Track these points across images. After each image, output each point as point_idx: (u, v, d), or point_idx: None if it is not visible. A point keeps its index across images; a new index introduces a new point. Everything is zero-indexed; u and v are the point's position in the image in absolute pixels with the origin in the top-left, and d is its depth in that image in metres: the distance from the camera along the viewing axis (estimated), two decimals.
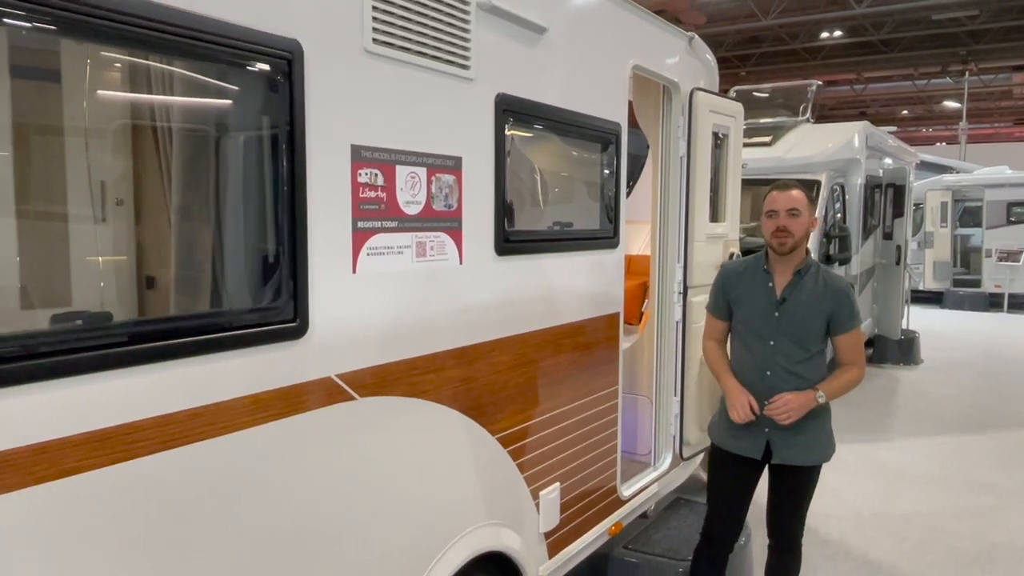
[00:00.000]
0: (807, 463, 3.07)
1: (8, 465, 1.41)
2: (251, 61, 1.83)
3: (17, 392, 1.41)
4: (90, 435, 1.54)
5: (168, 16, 1.63)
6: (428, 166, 2.38)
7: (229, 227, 1.87)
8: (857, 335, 3.07)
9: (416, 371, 2.38)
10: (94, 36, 1.55)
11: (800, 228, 2.99)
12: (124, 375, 1.59)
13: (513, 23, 2.70)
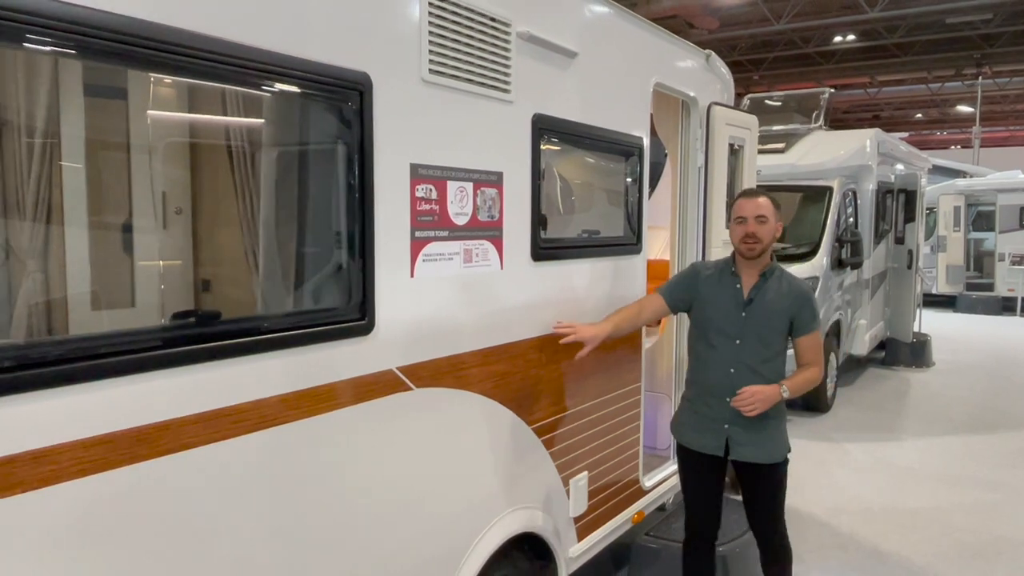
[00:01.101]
0: (763, 460, 3.20)
1: (144, 439, 1.70)
2: (331, 91, 2.12)
3: (155, 376, 1.70)
4: (200, 416, 1.82)
5: (266, 57, 1.91)
6: (474, 181, 2.66)
7: (310, 237, 2.16)
8: (817, 336, 3.21)
9: (463, 365, 2.67)
10: (205, 75, 1.84)
11: (767, 234, 3.15)
12: (227, 365, 1.88)
13: (548, 49, 2.99)
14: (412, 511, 2.48)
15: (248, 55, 1.87)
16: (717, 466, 3.29)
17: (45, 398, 1.51)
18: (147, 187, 2.07)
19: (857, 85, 27.27)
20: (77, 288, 1.89)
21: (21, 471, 1.48)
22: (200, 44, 1.75)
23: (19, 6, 1.43)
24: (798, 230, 8.14)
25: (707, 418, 3.22)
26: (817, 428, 7.40)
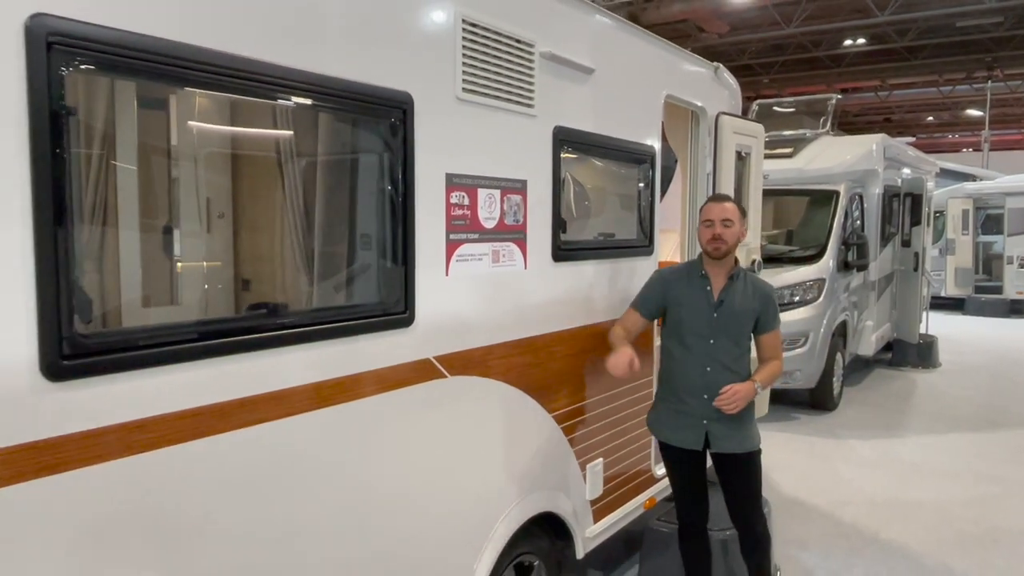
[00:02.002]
0: (742, 450, 3.40)
1: (222, 413, 1.99)
2: (378, 109, 2.40)
3: (231, 360, 1.99)
4: (269, 395, 2.11)
5: (325, 80, 2.20)
6: (501, 188, 2.95)
7: (360, 239, 2.44)
8: (778, 334, 3.48)
9: (491, 356, 2.95)
10: (279, 96, 2.13)
11: (732, 236, 3.35)
12: (293, 351, 2.16)
13: (568, 67, 3.27)
14: (447, 486, 2.76)
15: (309, 79, 2.16)
16: (697, 459, 3.49)
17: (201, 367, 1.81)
18: (255, 196, 2.37)
19: (868, 88, 27.36)
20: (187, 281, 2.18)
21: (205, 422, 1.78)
22: (275, 72, 2.05)
23: (156, 49, 1.73)
24: (805, 233, 8.40)
25: (685, 415, 3.40)
26: (823, 425, 7.65)
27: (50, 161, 1.61)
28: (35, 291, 1.61)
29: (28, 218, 1.59)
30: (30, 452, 1.62)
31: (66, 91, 1.64)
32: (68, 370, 1.66)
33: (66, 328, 1.65)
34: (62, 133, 1.63)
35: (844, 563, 4.63)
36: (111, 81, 1.84)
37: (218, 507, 1.98)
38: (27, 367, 1.61)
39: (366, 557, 2.44)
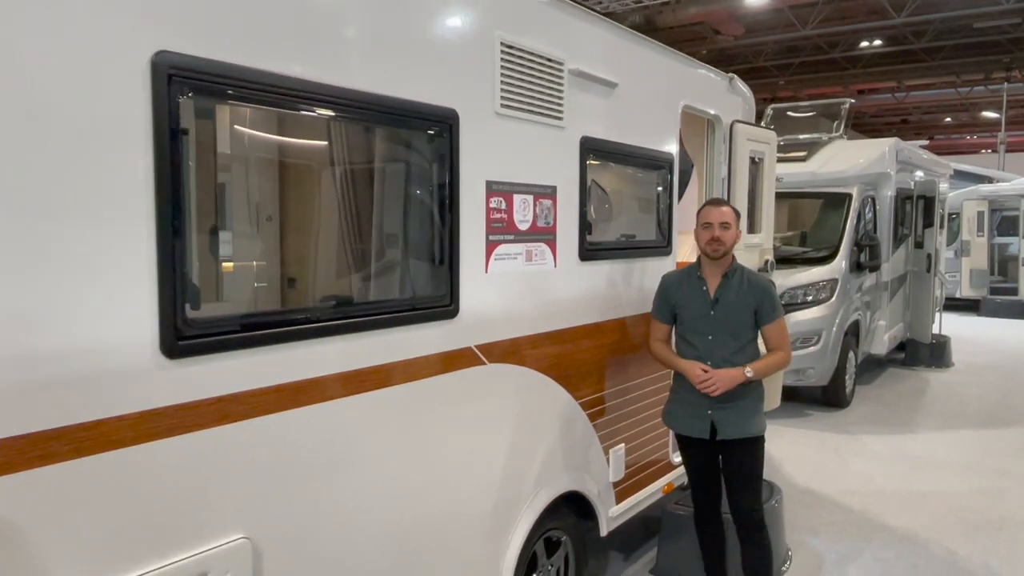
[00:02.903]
0: (744, 435, 3.61)
1: (300, 390, 2.31)
2: (429, 124, 2.73)
3: (308, 344, 2.32)
4: (339, 375, 2.44)
5: (384, 100, 2.53)
6: (534, 193, 3.27)
7: (412, 239, 2.77)
8: (780, 324, 3.63)
9: (525, 346, 3.26)
10: (350, 115, 2.46)
11: (729, 238, 3.58)
12: (356, 339, 2.49)
13: (594, 82, 3.59)
14: (487, 462, 3.08)
15: (371, 99, 2.48)
16: (708, 448, 3.71)
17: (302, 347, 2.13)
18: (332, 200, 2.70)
19: (884, 90, 27.43)
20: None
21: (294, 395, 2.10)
22: (343, 93, 2.38)
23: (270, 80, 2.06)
24: (818, 235, 8.67)
25: (692, 406, 3.64)
26: (836, 422, 7.92)
27: (168, 175, 1.94)
28: (156, 283, 1.94)
29: (152, 223, 1.92)
30: (151, 417, 1.95)
31: (181, 115, 1.97)
32: (182, 350, 1.99)
33: (180, 314, 1.98)
34: (178, 151, 1.96)
35: (853, 548, 4.91)
36: (214, 105, 2.17)
37: (297, 471, 2.31)
38: (150, 347, 1.94)
39: (419, 519, 2.76)
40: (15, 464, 1.69)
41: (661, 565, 4.50)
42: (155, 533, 1.97)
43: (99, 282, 1.83)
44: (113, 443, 1.88)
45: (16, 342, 1.68)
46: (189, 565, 2.03)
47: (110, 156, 1.83)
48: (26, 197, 1.69)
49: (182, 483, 2.02)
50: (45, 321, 1.73)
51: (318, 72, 2.30)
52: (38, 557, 1.75)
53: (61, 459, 1.78)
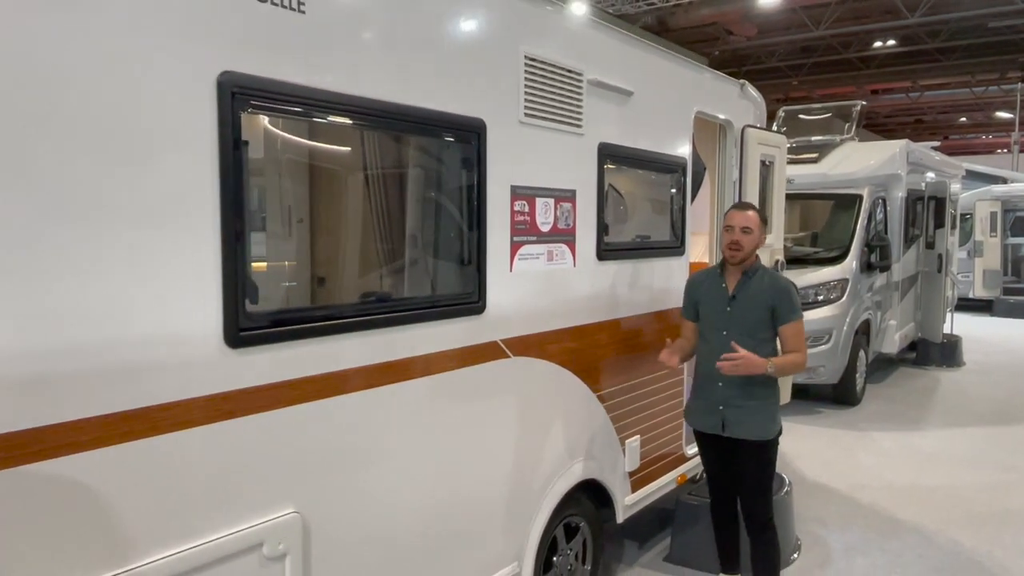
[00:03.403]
0: (751, 437, 3.70)
1: (346, 378, 2.54)
2: (459, 133, 2.95)
3: (354, 336, 2.55)
4: (381, 364, 2.66)
5: (420, 112, 2.75)
6: (555, 197, 3.48)
7: (443, 240, 2.99)
8: (798, 327, 3.67)
9: (546, 341, 3.48)
10: (391, 126, 2.68)
11: (750, 243, 3.68)
12: (393, 332, 2.71)
13: (611, 91, 3.80)
14: (512, 448, 3.30)
15: (409, 111, 2.71)
16: (720, 444, 3.82)
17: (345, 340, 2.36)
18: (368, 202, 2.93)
19: (898, 89, 27.45)
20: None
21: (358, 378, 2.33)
22: (386, 107, 2.61)
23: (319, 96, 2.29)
24: (829, 235, 8.85)
25: (707, 401, 3.79)
26: (846, 419, 8.10)
27: (231, 183, 2.17)
28: (220, 281, 2.17)
29: (217, 225, 2.15)
30: (215, 401, 2.18)
31: (242, 128, 2.20)
32: (242, 340, 2.22)
33: (241, 309, 2.21)
34: (240, 160, 2.19)
35: (860, 538, 5.10)
36: (269, 118, 2.39)
37: (341, 452, 2.54)
38: (214, 338, 2.17)
39: (450, 501, 2.99)
40: (105, 439, 1.93)
41: (674, 553, 4.72)
42: (219, 505, 2.20)
43: (173, 280, 2.06)
44: (183, 423, 2.11)
45: (104, 335, 1.92)
46: (249, 535, 2.26)
47: (182, 167, 2.06)
48: (115, 207, 1.92)
49: (242, 461, 2.25)
50: (127, 315, 1.96)
51: (360, 87, 2.53)
52: (123, 521, 1.98)
53: (140, 436, 2.01)
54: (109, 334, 1.93)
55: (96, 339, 1.90)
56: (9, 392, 1.75)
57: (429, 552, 2.92)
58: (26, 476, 1.79)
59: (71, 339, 1.86)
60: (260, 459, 2.31)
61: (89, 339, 1.89)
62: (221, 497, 2.21)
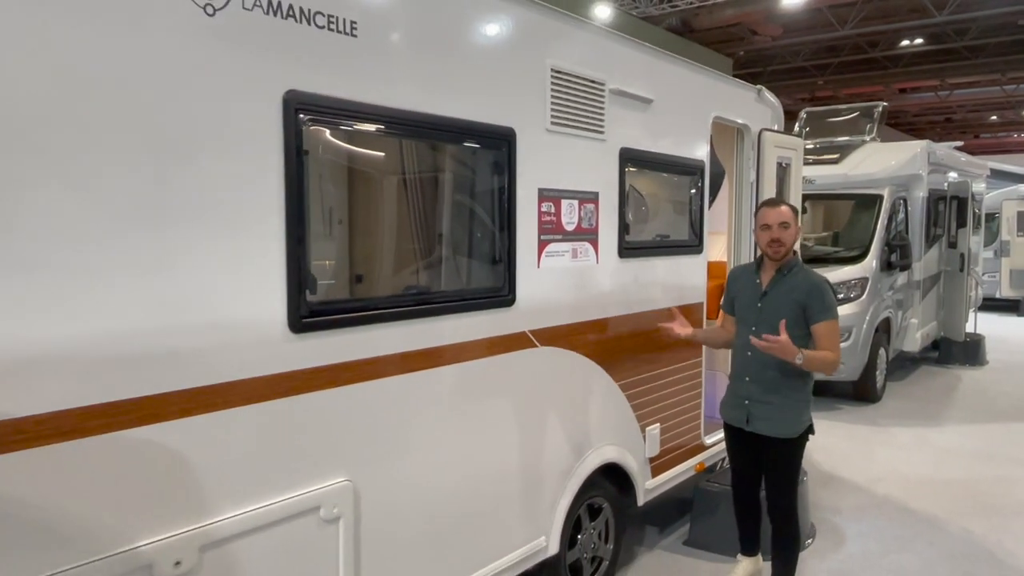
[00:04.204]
0: (773, 434, 3.81)
1: (405, 359, 2.85)
2: (491, 139, 3.26)
3: (399, 324, 2.86)
4: (419, 351, 2.97)
5: (458, 122, 3.06)
6: (579, 199, 3.78)
7: (477, 238, 3.30)
8: (830, 326, 3.67)
9: (571, 332, 3.78)
10: (424, 134, 3.00)
11: (790, 237, 3.74)
12: (432, 321, 3.02)
13: (631, 99, 4.09)
14: (539, 431, 3.60)
15: (447, 122, 3.02)
16: (745, 437, 3.96)
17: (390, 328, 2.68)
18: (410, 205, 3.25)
19: (927, 88, 27.37)
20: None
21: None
22: (428, 118, 2.92)
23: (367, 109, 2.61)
24: (850, 235, 9.05)
25: (736, 395, 3.97)
26: (865, 415, 8.31)
27: (295, 187, 2.49)
28: (285, 274, 2.49)
29: (282, 225, 2.47)
30: (279, 379, 2.50)
31: (304, 140, 2.52)
32: (305, 326, 2.54)
33: (302, 298, 2.53)
34: (302, 168, 2.51)
35: (872, 526, 5.34)
36: (325, 130, 2.71)
37: (389, 428, 2.86)
38: (280, 324, 2.49)
39: (482, 477, 3.29)
40: (191, 410, 2.26)
41: (694, 537, 4.99)
42: (283, 471, 2.52)
43: (247, 274, 2.38)
44: (254, 398, 2.43)
45: (193, 320, 2.24)
46: (308, 499, 2.58)
47: (255, 177, 2.39)
48: (205, 213, 2.25)
49: (302, 433, 2.58)
50: (211, 304, 2.29)
51: (403, 100, 2.85)
52: (206, 481, 2.31)
53: (219, 408, 2.34)
54: (197, 320, 2.26)
55: (187, 324, 2.24)
56: (123, 366, 2.09)
57: (463, 522, 3.23)
58: (129, 439, 2.12)
59: (169, 324, 2.19)
60: (317, 432, 2.63)
61: (182, 324, 2.23)
62: (285, 464, 2.53)
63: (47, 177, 1.94)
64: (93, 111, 2.01)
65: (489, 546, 3.37)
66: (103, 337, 2.06)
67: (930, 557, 4.87)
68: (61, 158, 1.96)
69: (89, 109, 2.00)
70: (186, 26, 2.20)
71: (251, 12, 2.36)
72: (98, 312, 2.05)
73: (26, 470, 1.94)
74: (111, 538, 2.11)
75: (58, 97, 1.94)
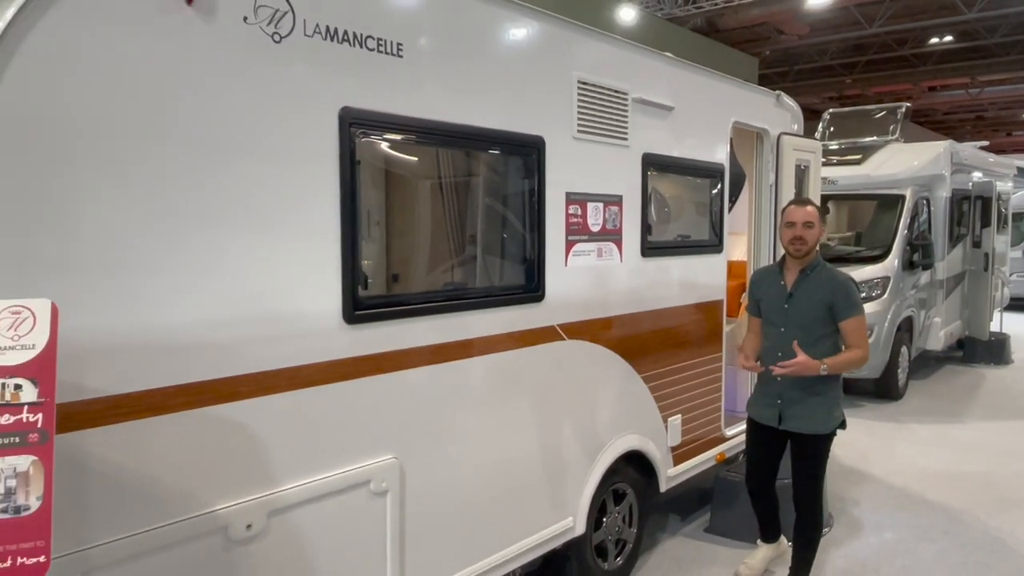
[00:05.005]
0: (807, 431, 3.96)
1: (445, 349, 3.16)
2: (522, 148, 3.56)
3: (441, 317, 3.18)
4: (461, 342, 3.28)
5: (492, 132, 3.37)
6: (604, 201, 4.07)
7: (509, 239, 3.60)
8: (857, 322, 3.82)
9: (597, 327, 4.07)
10: (468, 145, 3.31)
11: (813, 237, 3.89)
12: (470, 315, 3.33)
13: (653, 107, 4.38)
14: (567, 418, 3.89)
15: (483, 132, 3.33)
16: (774, 437, 4.15)
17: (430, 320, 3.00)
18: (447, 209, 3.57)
19: (957, 86, 27.24)
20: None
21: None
22: (466, 129, 3.24)
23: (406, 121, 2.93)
24: (872, 234, 9.25)
25: (766, 394, 4.14)
26: (887, 412, 8.51)
27: (350, 193, 2.81)
28: (340, 271, 2.81)
29: (338, 227, 2.79)
30: (335, 365, 2.82)
31: (357, 150, 2.84)
32: (357, 318, 2.86)
33: (356, 293, 2.85)
34: (355, 177, 2.83)
35: (889, 516, 5.57)
36: (375, 142, 3.03)
37: (431, 412, 3.17)
38: (336, 316, 2.81)
39: (516, 460, 3.60)
40: (250, 393, 2.58)
41: (714, 525, 5.25)
42: (337, 448, 2.84)
43: (308, 270, 2.71)
44: (312, 382, 2.75)
45: (262, 311, 2.57)
46: (359, 474, 2.90)
47: (315, 185, 2.71)
48: (274, 217, 2.58)
49: (355, 414, 2.90)
50: (278, 296, 2.61)
51: (442, 113, 3.16)
52: (272, 455, 2.63)
53: (282, 390, 2.66)
54: (270, 312, 2.58)
55: (261, 315, 2.57)
56: (206, 352, 2.42)
57: (497, 500, 3.53)
58: (209, 416, 2.45)
59: (245, 315, 2.52)
60: (368, 413, 2.95)
61: (257, 315, 2.56)
62: (340, 441, 2.85)
63: (161, 188, 2.27)
64: (188, 131, 2.35)
65: (520, 524, 3.67)
66: (192, 326, 2.39)
67: (945, 546, 5.09)
68: (172, 172, 2.30)
69: (186, 130, 2.34)
70: (258, 52, 2.52)
71: (311, 38, 2.68)
72: (187, 304, 2.38)
73: (123, 440, 2.27)
74: (194, 502, 2.44)
75: (160, 120, 2.28)
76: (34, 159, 2.05)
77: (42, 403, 1.81)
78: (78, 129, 2.13)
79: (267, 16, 2.54)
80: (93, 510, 2.22)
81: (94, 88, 2.16)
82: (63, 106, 2.10)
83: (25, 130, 2.04)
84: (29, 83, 2.04)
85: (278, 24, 2.58)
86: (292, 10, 2.61)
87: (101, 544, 2.22)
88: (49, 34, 2.07)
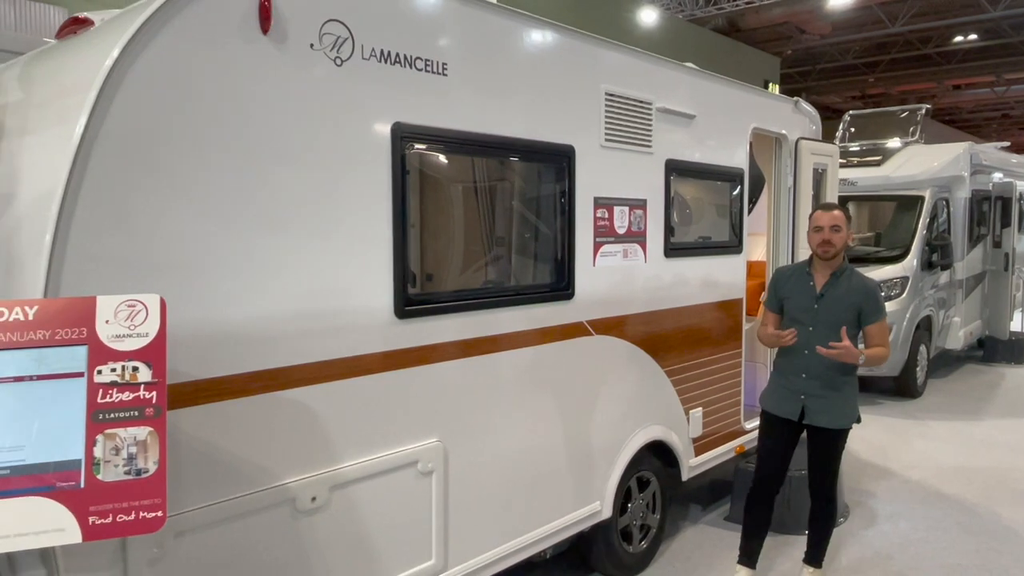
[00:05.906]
0: (831, 426, 4.12)
1: (485, 342, 3.48)
2: (554, 156, 3.88)
3: (479, 313, 3.49)
4: (498, 336, 3.60)
5: (527, 142, 3.68)
6: (629, 205, 4.37)
7: (542, 241, 3.92)
8: (882, 326, 4.06)
9: (623, 323, 4.37)
10: (498, 153, 3.63)
11: (840, 240, 4.05)
12: (506, 311, 3.65)
13: (676, 116, 4.68)
14: (595, 409, 4.20)
15: (518, 142, 3.64)
16: (790, 430, 4.28)
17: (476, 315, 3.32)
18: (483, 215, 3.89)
19: (982, 84, 27.24)
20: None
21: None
22: (503, 140, 3.55)
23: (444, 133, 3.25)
24: (892, 235, 9.47)
25: (788, 390, 4.24)
26: (905, 410, 8.74)
27: (400, 199, 3.13)
28: (391, 270, 3.13)
29: (390, 230, 3.12)
30: (387, 356, 3.15)
31: (407, 161, 3.16)
32: (407, 313, 3.18)
33: (406, 290, 3.17)
34: (405, 183, 3.16)
35: (904, 507, 5.83)
36: (424, 153, 3.36)
37: (471, 400, 3.49)
38: (387, 311, 3.13)
39: (548, 446, 3.91)
40: (315, 379, 2.91)
41: (734, 514, 5.54)
42: (388, 430, 3.17)
43: (365, 269, 3.03)
44: (367, 371, 3.08)
45: (324, 307, 2.90)
46: (408, 454, 3.23)
47: (371, 193, 3.04)
48: (337, 222, 2.91)
49: (404, 400, 3.22)
50: (337, 293, 2.94)
51: (482, 125, 3.48)
52: (333, 433, 2.96)
53: (340, 378, 2.99)
54: (335, 307, 2.91)
55: (326, 310, 2.90)
56: (278, 342, 2.76)
57: (531, 484, 3.85)
58: (280, 399, 2.78)
59: (312, 309, 2.85)
60: (416, 400, 3.27)
61: (322, 310, 2.89)
62: (391, 424, 3.18)
63: (239, 199, 2.60)
64: (261, 146, 2.68)
65: (552, 505, 3.99)
66: (267, 320, 2.73)
67: (958, 536, 5.34)
68: (250, 185, 2.63)
69: (259, 145, 2.67)
70: (322, 74, 2.85)
71: (368, 61, 3.01)
72: (262, 301, 2.72)
73: (207, 420, 2.61)
74: (268, 475, 2.77)
75: (238, 135, 2.61)
76: (137, 174, 2.39)
77: (156, 383, 2.15)
78: (175, 145, 2.47)
79: (330, 42, 2.87)
80: (184, 480, 2.56)
81: (189, 109, 2.50)
82: (165, 124, 2.44)
83: (133, 147, 2.38)
84: (139, 105, 2.38)
85: (339, 49, 2.91)
86: (352, 36, 2.94)
87: (191, 510, 2.56)
88: (155, 60, 2.41)
